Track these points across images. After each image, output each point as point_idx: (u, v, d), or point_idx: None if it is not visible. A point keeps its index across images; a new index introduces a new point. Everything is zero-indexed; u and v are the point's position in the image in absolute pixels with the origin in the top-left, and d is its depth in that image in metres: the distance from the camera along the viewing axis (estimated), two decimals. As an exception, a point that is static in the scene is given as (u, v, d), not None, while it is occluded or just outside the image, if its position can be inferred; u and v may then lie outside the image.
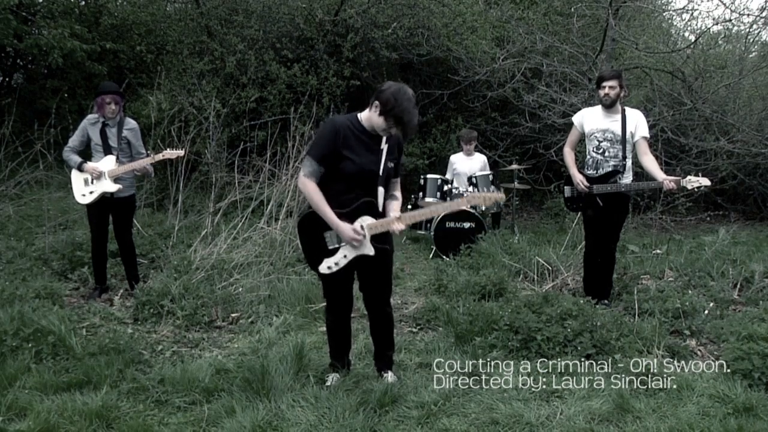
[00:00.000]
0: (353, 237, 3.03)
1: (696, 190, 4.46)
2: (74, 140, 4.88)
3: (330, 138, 3.04)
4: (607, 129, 4.68)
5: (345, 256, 3.16)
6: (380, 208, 3.16)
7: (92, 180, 4.80)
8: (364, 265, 3.25)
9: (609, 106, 4.65)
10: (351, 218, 3.09)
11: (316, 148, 3.07)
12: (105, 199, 4.83)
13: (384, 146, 3.15)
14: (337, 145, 3.02)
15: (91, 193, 4.82)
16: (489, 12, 10.17)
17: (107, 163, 4.80)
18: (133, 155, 4.91)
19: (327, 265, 3.16)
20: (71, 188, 4.95)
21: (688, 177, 4.43)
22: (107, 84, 5.00)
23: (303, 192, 3.10)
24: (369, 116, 3.10)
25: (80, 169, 4.80)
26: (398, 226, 3.10)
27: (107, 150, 4.83)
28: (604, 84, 4.62)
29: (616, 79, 4.61)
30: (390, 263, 3.37)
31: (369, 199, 3.11)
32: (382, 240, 3.19)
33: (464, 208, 3.19)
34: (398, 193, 3.30)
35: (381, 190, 3.15)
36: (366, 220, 3.11)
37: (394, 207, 3.21)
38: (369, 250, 3.14)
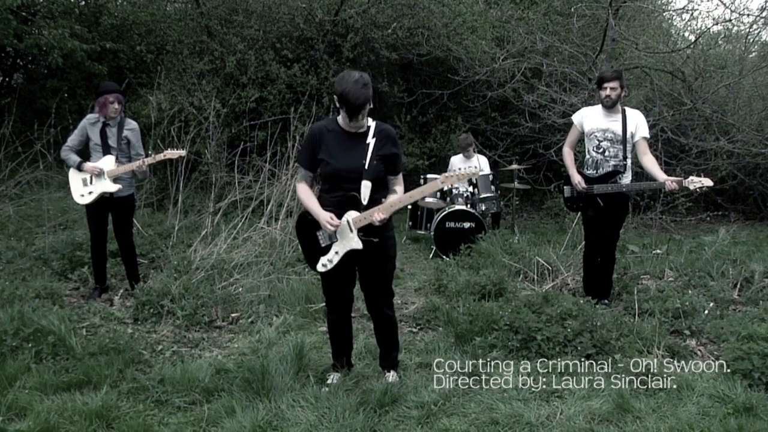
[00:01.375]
0: (325, 222, 3.11)
1: (698, 190, 4.45)
2: (73, 140, 4.86)
3: (308, 143, 3.23)
4: (607, 129, 4.67)
5: (337, 253, 3.20)
6: (365, 202, 3.12)
7: (91, 180, 4.80)
8: (363, 266, 3.26)
9: (610, 106, 4.64)
10: (337, 213, 3.13)
11: (300, 155, 3.33)
12: (104, 199, 4.83)
13: (371, 140, 3.14)
14: (315, 148, 3.17)
15: (90, 193, 4.81)
16: (489, 12, 10.18)
17: (106, 163, 4.79)
18: (132, 156, 4.90)
19: (322, 263, 3.23)
20: (70, 188, 4.93)
21: (690, 177, 4.41)
22: (109, 84, 4.97)
23: (298, 196, 3.30)
24: (342, 113, 3.14)
25: (80, 168, 4.79)
26: (377, 216, 3.06)
27: (106, 150, 4.82)
28: (606, 85, 4.60)
29: (617, 80, 4.60)
30: (388, 265, 3.35)
31: (353, 193, 3.12)
32: (370, 233, 3.16)
33: (440, 186, 3.21)
34: (399, 188, 3.27)
35: (367, 183, 3.11)
36: (351, 215, 3.14)
37: (388, 199, 3.21)
38: (356, 244, 3.15)
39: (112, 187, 4.78)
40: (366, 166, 3.10)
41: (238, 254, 5.50)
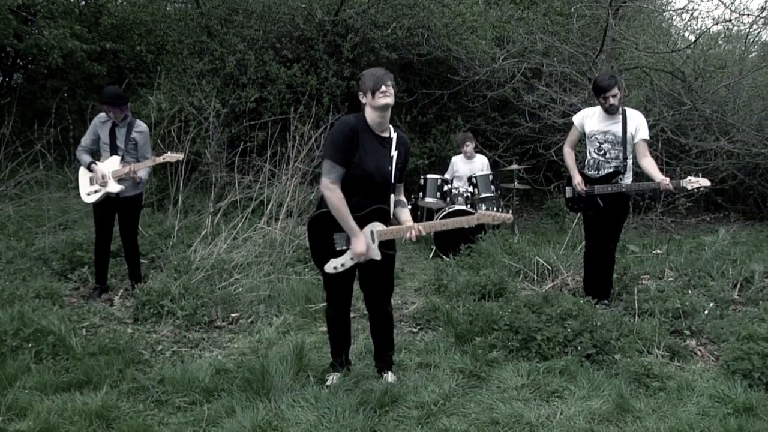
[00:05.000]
0: (361, 253, 3.12)
1: (696, 190, 4.47)
2: (86, 139, 4.93)
3: (345, 137, 3.04)
4: (608, 131, 4.67)
5: (352, 259, 3.20)
6: (391, 215, 3.22)
7: (97, 179, 4.85)
8: (366, 264, 3.26)
9: (615, 113, 4.64)
10: (361, 223, 3.14)
11: (335, 150, 3.04)
12: (111, 198, 4.85)
13: (394, 153, 3.19)
14: (353, 144, 3.06)
15: (95, 192, 4.86)
16: (489, 12, 10.18)
17: (111, 164, 4.82)
18: (139, 158, 4.94)
19: (333, 266, 3.22)
20: (78, 186, 5.00)
21: (688, 177, 4.44)
22: (107, 92, 4.86)
23: (327, 198, 3.05)
24: (367, 110, 3.16)
25: (89, 169, 4.86)
26: (414, 232, 3.17)
27: (113, 150, 4.86)
28: (607, 94, 4.55)
29: (616, 86, 4.58)
30: (392, 264, 3.40)
31: (381, 206, 3.17)
32: (389, 246, 3.24)
33: (476, 222, 3.31)
34: (404, 199, 3.39)
35: (393, 197, 3.22)
36: (376, 227, 3.16)
37: (407, 215, 3.30)
38: (376, 255, 3.19)
39: (116, 188, 4.81)
40: (392, 179, 3.18)
41: (238, 254, 5.50)
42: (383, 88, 3.05)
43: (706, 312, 4.51)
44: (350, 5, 9.15)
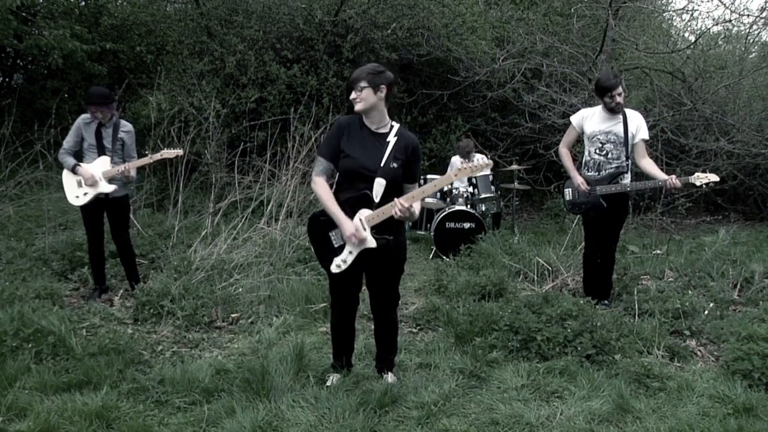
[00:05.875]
0: (351, 234, 3.07)
1: (705, 186, 4.45)
2: (69, 141, 4.84)
3: (334, 134, 3.19)
4: (609, 131, 4.66)
5: (351, 252, 3.17)
6: (377, 199, 3.11)
7: (86, 181, 4.80)
8: (373, 265, 3.24)
9: (619, 111, 4.64)
10: (349, 212, 3.13)
11: (324, 146, 3.24)
12: (99, 199, 4.82)
13: (391, 138, 3.16)
14: (340, 139, 3.15)
15: (85, 194, 4.80)
16: (489, 12, 10.19)
17: (102, 164, 4.78)
18: (125, 158, 4.92)
19: (336, 264, 3.18)
20: (64, 190, 4.91)
21: (696, 174, 4.42)
22: (93, 92, 4.82)
23: (315, 192, 3.23)
24: None
25: (74, 171, 4.77)
26: (398, 207, 3.03)
27: (101, 151, 4.81)
28: (614, 93, 4.55)
29: (620, 85, 4.59)
30: (398, 268, 3.34)
31: (364, 191, 3.11)
32: (382, 231, 3.14)
33: (455, 179, 3.28)
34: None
35: (380, 181, 3.10)
36: (363, 213, 3.12)
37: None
38: (370, 242, 3.13)
39: (108, 188, 4.78)
40: (381, 164, 3.11)
41: (238, 255, 5.50)
42: (353, 94, 3.08)
43: (706, 312, 4.51)
44: (350, 5, 9.16)
